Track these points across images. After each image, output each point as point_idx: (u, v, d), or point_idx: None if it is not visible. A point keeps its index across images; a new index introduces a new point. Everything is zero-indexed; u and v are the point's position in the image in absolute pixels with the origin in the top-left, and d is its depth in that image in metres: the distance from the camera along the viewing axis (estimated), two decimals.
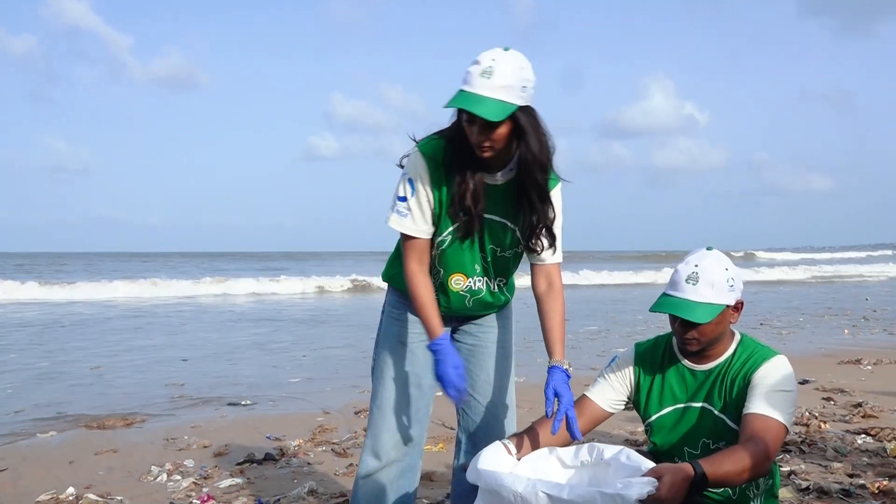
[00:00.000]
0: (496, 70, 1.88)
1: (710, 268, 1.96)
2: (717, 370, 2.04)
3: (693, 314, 1.93)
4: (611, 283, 25.25)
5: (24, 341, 10.04)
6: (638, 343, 2.23)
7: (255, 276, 24.06)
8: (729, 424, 1.99)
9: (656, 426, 2.12)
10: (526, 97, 1.95)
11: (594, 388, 2.19)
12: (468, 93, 1.90)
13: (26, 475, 4.03)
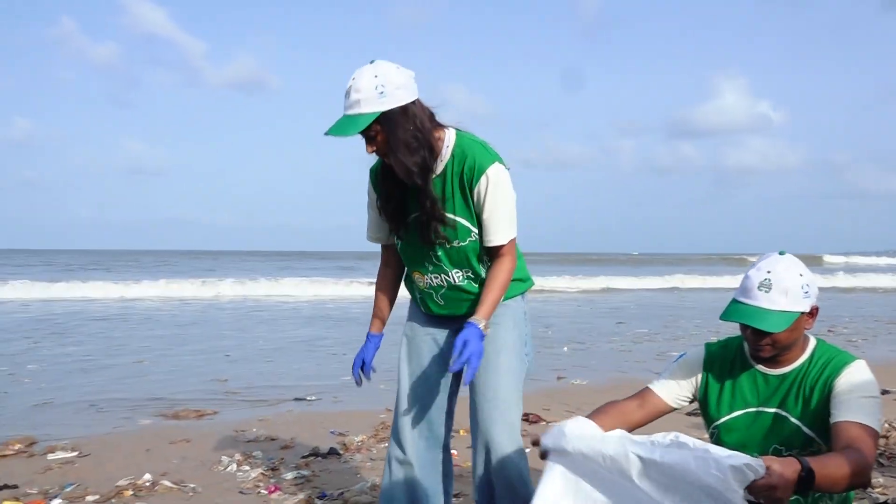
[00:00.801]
0: (353, 88, 2.04)
1: (784, 274, 1.89)
2: (793, 375, 1.97)
3: (766, 323, 1.87)
4: (671, 287, 24.65)
5: (99, 336, 10.57)
6: (709, 343, 2.18)
7: (326, 276, 24.54)
8: (805, 431, 1.93)
9: (724, 429, 2.06)
10: (389, 100, 2.04)
11: (658, 382, 2.15)
12: (343, 117, 2.07)
13: (107, 461, 4.25)
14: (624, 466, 1.58)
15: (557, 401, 6.03)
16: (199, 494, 3.66)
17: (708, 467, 1.46)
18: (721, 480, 1.44)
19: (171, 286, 19.97)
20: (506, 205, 2.19)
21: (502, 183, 2.17)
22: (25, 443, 4.59)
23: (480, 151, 2.17)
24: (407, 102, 2.07)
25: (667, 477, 1.53)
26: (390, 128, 2.05)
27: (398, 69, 2.07)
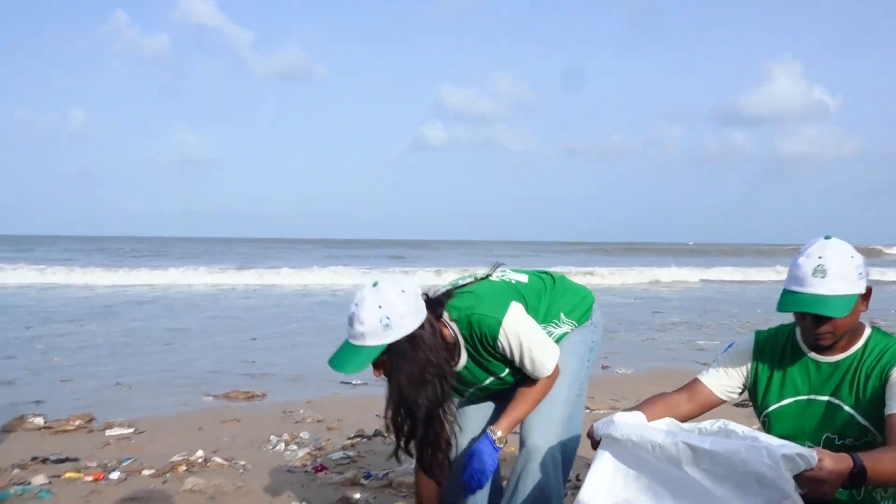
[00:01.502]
0: (356, 318, 1.92)
1: (837, 258, 1.84)
2: (847, 363, 1.91)
3: (829, 309, 1.81)
4: (723, 280, 24.13)
5: (145, 319, 10.91)
6: (758, 331, 2.13)
7: (375, 265, 24.69)
8: (859, 420, 1.87)
9: (775, 417, 2.01)
10: (394, 331, 1.91)
11: (707, 373, 2.11)
12: (346, 344, 1.96)
13: (162, 438, 4.41)
14: (673, 454, 1.57)
15: (602, 390, 5.98)
16: (248, 472, 3.77)
17: (760, 456, 1.45)
18: (773, 469, 1.43)
19: (217, 273, 20.43)
20: (531, 346, 2.10)
21: (517, 332, 2.08)
22: (85, 419, 4.79)
23: (483, 316, 2.08)
24: (414, 329, 1.94)
25: (717, 465, 1.52)
26: (397, 360, 1.93)
27: (403, 295, 1.94)
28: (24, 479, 3.56)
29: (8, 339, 8.55)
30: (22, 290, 15.66)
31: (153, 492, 3.43)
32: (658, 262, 29.50)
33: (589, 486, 1.69)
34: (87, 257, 27.22)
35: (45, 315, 11.17)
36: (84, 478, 3.61)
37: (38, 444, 4.22)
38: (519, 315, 2.10)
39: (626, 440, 1.67)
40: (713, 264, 26.88)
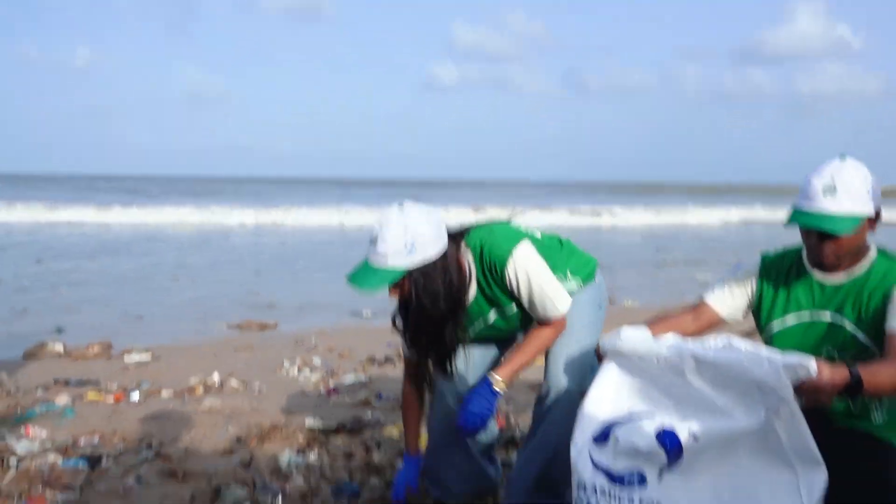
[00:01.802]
0: (380, 238, 1.93)
1: (849, 176, 1.84)
2: (851, 284, 1.93)
3: (834, 226, 1.82)
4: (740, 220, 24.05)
5: (151, 256, 11.03)
6: (765, 253, 2.16)
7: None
8: (860, 339, 1.91)
9: (777, 336, 2.03)
10: (418, 255, 1.92)
11: (713, 294, 2.13)
12: (366, 263, 1.97)
13: (178, 364, 4.53)
14: (677, 365, 1.62)
15: (608, 322, 6.07)
16: (263, 394, 3.89)
17: (762, 365, 1.50)
18: (774, 377, 1.48)
19: (226, 212, 20.38)
20: (539, 284, 2.10)
21: (525, 266, 2.08)
22: (103, 346, 4.92)
23: (495, 246, 2.09)
24: (435, 255, 1.96)
25: (720, 375, 1.56)
26: (418, 282, 1.95)
27: (428, 218, 1.96)
28: (48, 399, 3.70)
29: (20, 272, 8.70)
30: (31, 228, 15.80)
31: (172, 412, 3.56)
32: (673, 202, 29.36)
33: (594, 395, 1.75)
34: (96, 196, 27.27)
35: (54, 251, 11.30)
36: (105, 399, 3.75)
37: (59, 369, 4.36)
38: (529, 251, 2.11)
39: (632, 353, 1.71)
40: (732, 203, 26.67)
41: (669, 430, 1.59)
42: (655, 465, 1.60)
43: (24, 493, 2.50)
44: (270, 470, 2.79)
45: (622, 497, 1.61)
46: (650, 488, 1.60)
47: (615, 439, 1.64)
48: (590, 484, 1.65)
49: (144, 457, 2.90)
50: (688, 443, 1.56)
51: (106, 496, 2.55)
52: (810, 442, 1.54)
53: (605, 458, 1.65)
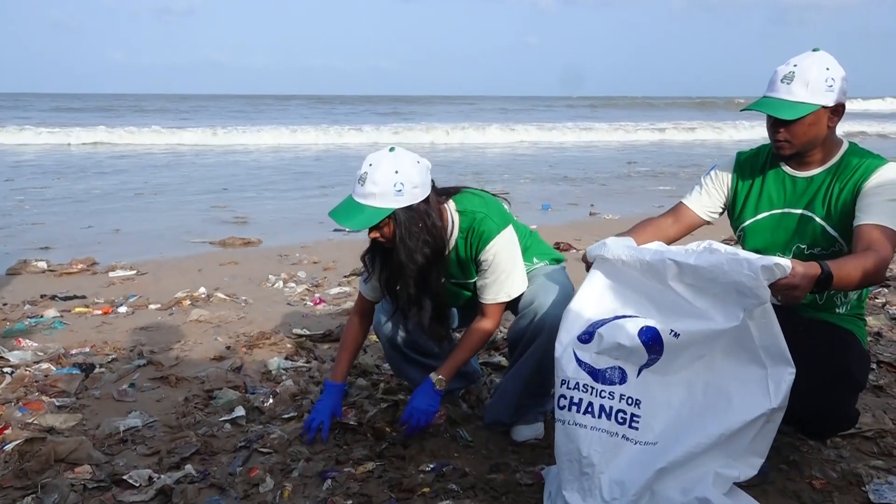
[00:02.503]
0: (369, 177, 1.95)
1: (810, 67, 1.88)
2: (822, 177, 1.99)
3: (781, 111, 1.87)
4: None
5: (126, 175, 10.88)
6: (740, 151, 2.20)
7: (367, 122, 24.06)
8: (829, 232, 1.97)
9: (750, 230, 2.11)
10: (405, 198, 1.96)
11: (690, 196, 2.20)
12: (349, 199, 1.99)
13: (164, 279, 4.57)
14: (660, 270, 1.68)
15: (589, 233, 6.17)
16: (250, 305, 3.96)
17: (741, 267, 1.56)
18: (752, 279, 1.55)
19: (198, 132, 19.88)
20: (507, 269, 2.16)
21: (506, 247, 2.14)
22: (87, 263, 4.93)
23: (486, 223, 2.12)
24: (421, 200, 2.00)
25: (700, 279, 1.63)
26: (401, 226, 1.99)
27: (418, 164, 2.00)
28: (36, 312, 3.74)
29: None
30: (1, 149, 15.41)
31: (161, 323, 3.62)
32: (661, 117, 29.15)
33: (579, 298, 1.82)
34: (64, 116, 26.47)
35: (22, 170, 11.07)
36: (93, 312, 3.79)
37: (44, 285, 4.38)
38: (513, 238, 2.18)
39: (617, 260, 1.78)
40: (720, 118, 26.41)
41: (652, 328, 1.67)
42: (636, 363, 1.69)
43: (21, 399, 2.58)
44: (260, 375, 2.89)
45: (603, 392, 1.70)
46: (630, 384, 1.69)
47: (599, 337, 1.71)
48: (573, 380, 1.73)
49: (137, 364, 2.97)
50: (668, 340, 1.64)
51: (102, 401, 2.63)
52: (781, 341, 1.62)
53: (589, 356, 1.72)
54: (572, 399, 1.72)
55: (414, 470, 2.06)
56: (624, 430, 1.68)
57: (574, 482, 1.71)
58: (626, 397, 1.68)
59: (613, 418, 1.69)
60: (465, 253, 2.17)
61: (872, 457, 2.12)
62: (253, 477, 2.04)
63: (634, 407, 1.67)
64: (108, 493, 1.96)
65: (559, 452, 1.76)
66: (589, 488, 1.68)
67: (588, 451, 1.68)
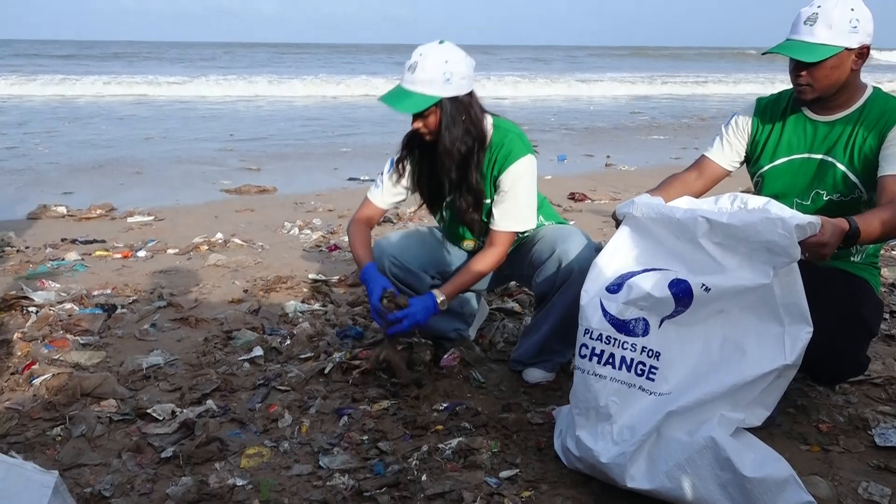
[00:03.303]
0: (419, 65, 2.03)
1: (833, 7, 1.83)
2: (844, 122, 1.96)
3: (802, 54, 1.83)
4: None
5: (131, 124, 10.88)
6: (760, 97, 2.17)
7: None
8: (850, 178, 1.95)
9: (768, 176, 2.09)
10: (452, 88, 2.05)
11: (712, 148, 2.18)
12: (399, 87, 2.07)
13: (181, 225, 4.62)
14: (690, 227, 1.67)
15: (604, 183, 6.14)
16: (266, 251, 4.01)
17: (774, 227, 1.55)
18: (786, 237, 1.53)
19: (209, 83, 19.64)
20: (524, 197, 2.21)
21: (527, 174, 2.20)
22: (105, 209, 4.99)
23: (516, 142, 2.19)
24: (466, 93, 2.10)
25: (730, 238, 1.62)
26: (447, 114, 2.07)
27: (466, 58, 2.09)
28: (57, 255, 3.81)
29: (3, 136, 8.62)
30: (8, 97, 15.42)
31: (180, 267, 3.68)
32: (667, 68, 28.60)
33: (608, 251, 1.82)
34: (70, 64, 26.35)
35: (36, 119, 11.11)
36: (113, 255, 3.86)
37: (64, 229, 4.45)
38: (535, 168, 2.22)
39: (646, 218, 1.77)
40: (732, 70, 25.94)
41: (683, 280, 1.65)
42: (659, 314, 1.68)
43: (46, 337, 2.65)
44: (278, 317, 2.94)
45: (626, 344, 1.70)
46: (651, 336, 1.68)
47: (629, 287, 1.70)
48: (596, 331, 1.73)
49: (157, 305, 3.04)
50: (699, 293, 1.62)
51: (124, 339, 2.70)
52: (802, 300, 1.61)
53: (615, 307, 1.72)
54: (594, 350, 1.73)
55: (428, 409, 2.12)
56: (641, 381, 1.69)
57: (588, 427, 1.74)
58: (647, 349, 1.69)
59: (633, 370, 1.70)
60: (487, 168, 2.22)
61: (880, 402, 2.15)
62: (272, 413, 2.11)
63: (654, 359, 1.68)
64: (133, 426, 2.04)
65: (576, 399, 1.78)
66: (601, 433, 1.71)
67: (606, 401, 1.70)
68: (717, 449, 1.54)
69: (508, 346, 2.59)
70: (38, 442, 1.95)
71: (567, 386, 2.26)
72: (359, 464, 1.84)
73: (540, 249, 2.23)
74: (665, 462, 1.60)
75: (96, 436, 1.98)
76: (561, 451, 1.84)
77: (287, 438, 1.97)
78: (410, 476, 1.76)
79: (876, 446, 1.90)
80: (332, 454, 1.88)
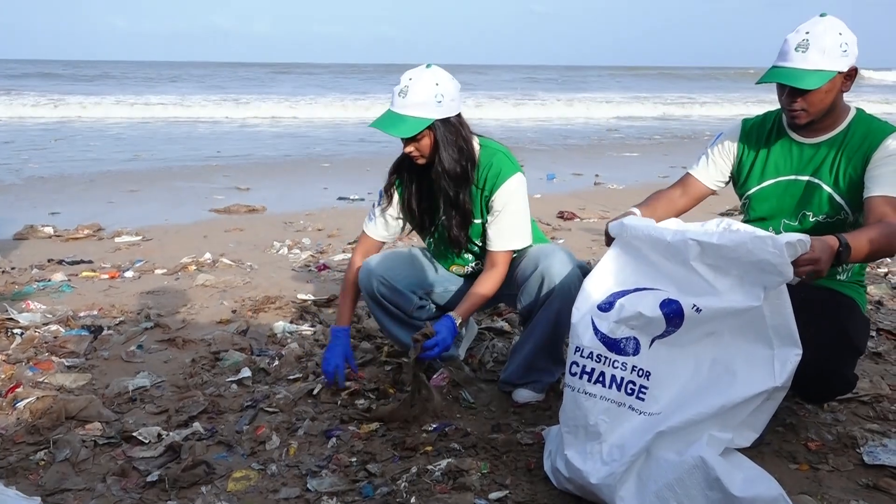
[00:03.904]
0: (410, 89, 2.06)
1: (823, 32, 1.85)
2: (829, 144, 1.98)
3: (801, 81, 1.85)
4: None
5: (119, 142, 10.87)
6: (745, 118, 2.19)
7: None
8: (836, 200, 1.97)
9: (756, 198, 2.10)
10: (444, 109, 2.09)
11: (697, 166, 2.19)
12: (390, 112, 2.10)
13: (169, 245, 4.60)
14: (682, 250, 1.67)
15: (593, 202, 6.18)
16: (255, 270, 3.99)
17: (765, 245, 1.55)
18: (777, 256, 1.54)
19: (197, 106, 19.64)
20: (519, 213, 2.24)
21: (519, 192, 2.23)
22: (93, 228, 4.96)
23: (505, 162, 2.23)
24: (456, 114, 2.15)
25: (722, 259, 1.62)
26: (441, 135, 2.11)
27: (453, 80, 2.14)
28: (43, 276, 3.78)
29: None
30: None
31: (167, 287, 3.65)
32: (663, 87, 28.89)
33: (600, 270, 1.82)
34: (58, 84, 26.33)
35: (17, 136, 11.08)
36: (100, 276, 3.83)
37: (51, 250, 4.41)
38: (525, 185, 2.25)
39: (637, 239, 1.77)
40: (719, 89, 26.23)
41: (674, 300, 1.66)
42: (650, 334, 1.68)
43: (31, 359, 2.62)
44: (266, 338, 2.92)
45: (616, 363, 1.70)
46: (641, 356, 1.68)
47: (620, 306, 1.71)
48: (587, 349, 1.73)
49: (144, 326, 3.01)
50: (690, 314, 1.63)
51: (110, 361, 2.68)
52: (791, 322, 1.61)
53: (606, 326, 1.72)
54: (584, 368, 1.73)
55: (417, 429, 2.10)
56: (631, 400, 1.69)
57: (577, 445, 1.74)
58: (637, 369, 1.69)
59: (623, 389, 1.69)
60: (476, 188, 2.23)
61: (868, 420, 2.16)
62: (259, 435, 2.09)
63: (644, 378, 1.68)
64: (119, 449, 2.01)
65: (565, 417, 1.78)
66: (590, 452, 1.70)
67: (595, 419, 1.70)
68: (707, 469, 1.54)
69: (498, 365, 2.58)
70: (20, 466, 1.92)
71: (556, 406, 2.25)
72: (347, 486, 1.82)
73: (524, 267, 2.24)
74: (654, 482, 1.59)
75: (81, 460, 1.95)
76: (551, 472, 1.83)
77: (275, 461, 1.95)
78: (399, 498, 1.75)
79: (865, 464, 1.91)
80: (321, 476, 1.86)
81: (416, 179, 2.27)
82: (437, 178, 2.17)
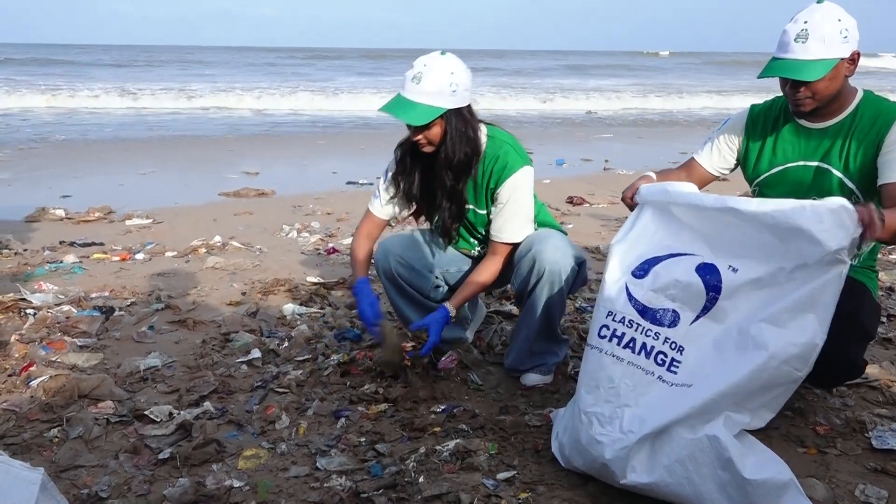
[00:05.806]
0: (424, 76, 2.02)
1: (821, 21, 1.82)
2: (837, 128, 1.96)
3: (804, 73, 1.82)
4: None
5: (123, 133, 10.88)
6: (753, 104, 2.17)
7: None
8: (847, 184, 1.95)
9: (765, 184, 2.09)
10: (457, 99, 2.05)
11: (702, 151, 2.18)
12: (400, 96, 2.04)
13: (180, 227, 4.62)
14: (721, 214, 1.64)
15: (602, 187, 6.16)
16: (265, 254, 4.01)
17: (804, 212, 1.53)
18: (816, 222, 1.52)
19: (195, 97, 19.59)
20: (522, 207, 2.22)
21: (524, 185, 2.20)
22: (104, 211, 4.99)
23: (511, 154, 2.19)
24: (468, 104, 2.12)
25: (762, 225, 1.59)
26: (452, 126, 2.08)
27: (467, 70, 2.10)
28: (55, 258, 3.81)
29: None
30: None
31: (178, 269, 3.68)
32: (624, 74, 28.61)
33: (631, 233, 1.79)
34: (71, 69, 26.38)
35: (27, 122, 11.13)
36: (111, 258, 3.86)
37: (62, 232, 4.44)
38: (532, 178, 2.23)
39: (674, 204, 1.74)
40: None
41: (710, 264, 1.64)
42: (693, 308, 1.65)
43: (44, 339, 2.65)
44: (276, 319, 2.94)
45: (648, 332, 1.67)
46: (679, 330, 1.65)
47: (655, 274, 1.69)
48: (619, 314, 1.71)
49: (155, 308, 3.03)
50: (727, 275, 1.61)
51: (122, 341, 2.70)
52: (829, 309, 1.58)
53: (642, 293, 1.70)
54: (615, 331, 1.71)
55: (425, 411, 2.11)
56: (661, 371, 1.66)
57: (596, 406, 1.70)
58: (671, 341, 1.66)
59: (653, 358, 1.67)
60: (482, 179, 2.22)
61: (877, 405, 2.16)
62: (269, 414, 2.11)
63: (677, 352, 1.65)
64: (131, 427, 2.04)
65: (585, 376, 1.75)
66: (609, 416, 1.68)
67: (618, 381, 1.68)
68: (720, 449, 1.54)
69: (506, 348, 2.59)
70: (35, 443, 1.94)
71: (564, 388, 2.27)
72: (356, 465, 1.84)
73: (519, 250, 2.25)
74: (667, 456, 1.59)
75: (93, 437, 1.98)
76: (558, 452, 1.83)
77: (284, 440, 1.97)
78: (408, 478, 1.76)
79: (873, 449, 1.91)
80: (330, 456, 1.88)
81: (420, 166, 2.26)
82: (440, 168, 2.16)
